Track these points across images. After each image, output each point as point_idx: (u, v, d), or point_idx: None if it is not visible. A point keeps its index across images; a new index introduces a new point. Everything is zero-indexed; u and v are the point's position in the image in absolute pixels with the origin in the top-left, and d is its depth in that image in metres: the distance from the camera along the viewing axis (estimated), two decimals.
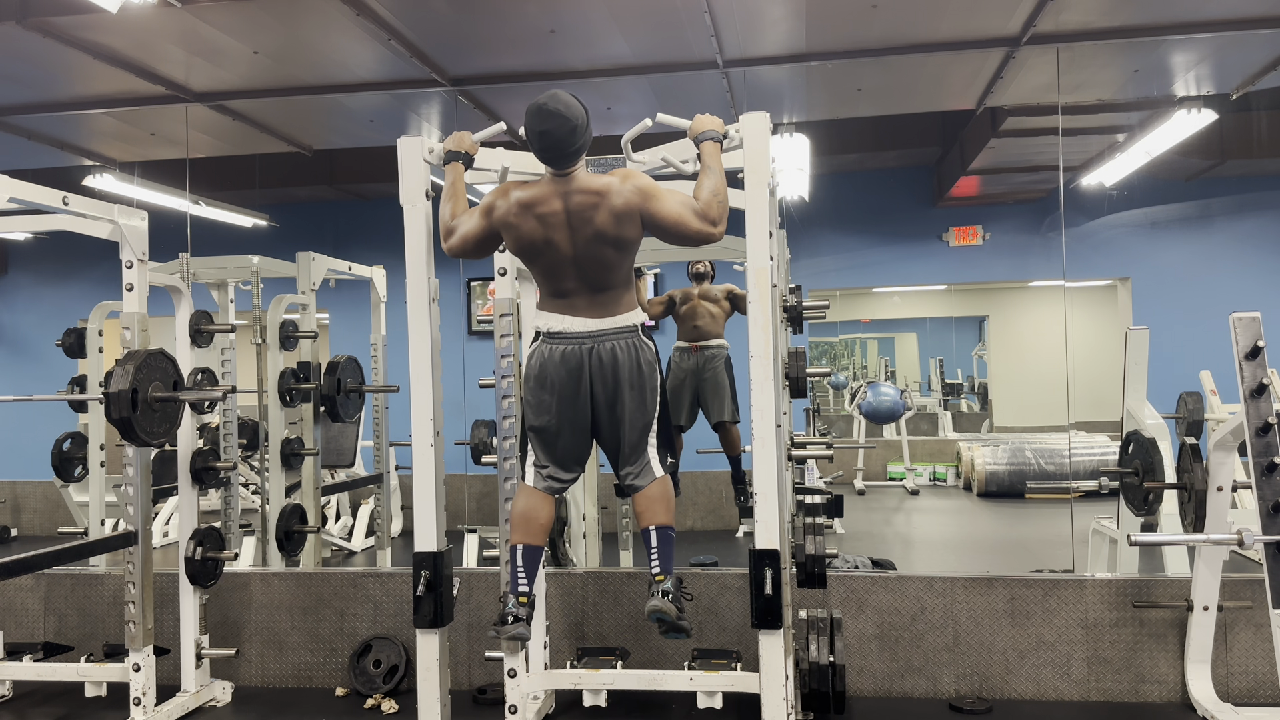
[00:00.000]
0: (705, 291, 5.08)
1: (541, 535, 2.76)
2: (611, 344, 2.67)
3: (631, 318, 2.71)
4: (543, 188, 2.64)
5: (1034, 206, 6.97)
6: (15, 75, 4.38)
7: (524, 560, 2.71)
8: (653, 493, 2.71)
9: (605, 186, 2.61)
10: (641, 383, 2.70)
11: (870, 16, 3.94)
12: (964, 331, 10.60)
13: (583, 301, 2.68)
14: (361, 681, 3.85)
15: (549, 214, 2.62)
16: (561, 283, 2.69)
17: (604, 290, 2.68)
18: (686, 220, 2.58)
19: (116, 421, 3.18)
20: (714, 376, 5.04)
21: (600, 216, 2.59)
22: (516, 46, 4.27)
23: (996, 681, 3.63)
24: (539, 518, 2.76)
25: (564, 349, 2.67)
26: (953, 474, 8.86)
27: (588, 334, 2.66)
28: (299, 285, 4.85)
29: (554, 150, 2.58)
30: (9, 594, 4.19)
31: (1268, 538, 2.76)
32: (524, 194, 2.65)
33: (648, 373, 2.71)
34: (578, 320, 2.67)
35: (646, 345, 2.73)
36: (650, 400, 2.72)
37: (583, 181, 2.63)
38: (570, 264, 2.65)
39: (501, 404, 3.23)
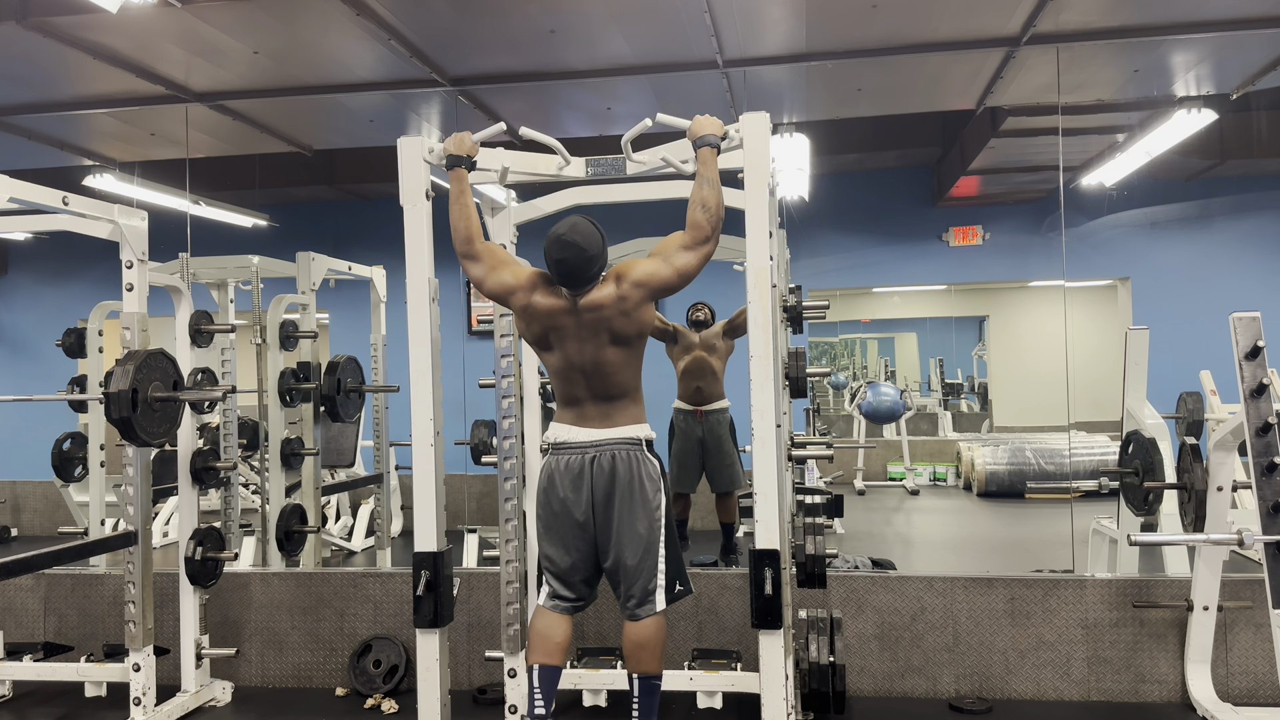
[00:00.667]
0: (706, 341, 5.07)
1: (559, 655, 2.76)
2: (612, 453, 2.69)
3: (636, 430, 2.73)
4: (560, 300, 2.70)
5: (1034, 206, 6.97)
6: (15, 75, 4.38)
7: (540, 682, 2.72)
8: (647, 633, 2.68)
9: (608, 295, 2.66)
10: (641, 495, 2.68)
11: (870, 16, 3.94)
12: (964, 331, 10.60)
13: (593, 410, 2.72)
14: (361, 681, 3.85)
15: (563, 326, 2.69)
16: (573, 389, 2.74)
17: (612, 399, 2.71)
18: (685, 262, 2.62)
19: (116, 421, 3.18)
20: (717, 443, 5.08)
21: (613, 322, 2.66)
22: (516, 46, 4.27)
23: (996, 681, 3.63)
24: (554, 637, 2.76)
25: (568, 459, 2.72)
26: (953, 474, 8.86)
27: (590, 444, 2.70)
28: (299, 285, 4.85)
29: (570, 278, 2.66)
30: (9, 594, 4.19)
31: (1268, 538, 2.76)
32: (546, 301, 2.70)
33: (652, 489, 2.70)
34: (582, 431, 2.72)
35: (650, 461, 2.72)
36: (656, 518, 2.69)
37: (594, 298, 2.68)
38: (579, 370, 2.71)
39: (501, 404, 3.23)
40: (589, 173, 3.06)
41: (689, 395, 5.10)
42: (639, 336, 2.71)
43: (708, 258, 2.65)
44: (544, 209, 3.33)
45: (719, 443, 5.07)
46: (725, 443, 5.08)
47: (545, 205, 3.32)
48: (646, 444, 2.74)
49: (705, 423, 5.08)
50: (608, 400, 2.72)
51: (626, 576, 2.71)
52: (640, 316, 2.68)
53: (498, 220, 3.28)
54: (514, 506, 3.21)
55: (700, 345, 5.07)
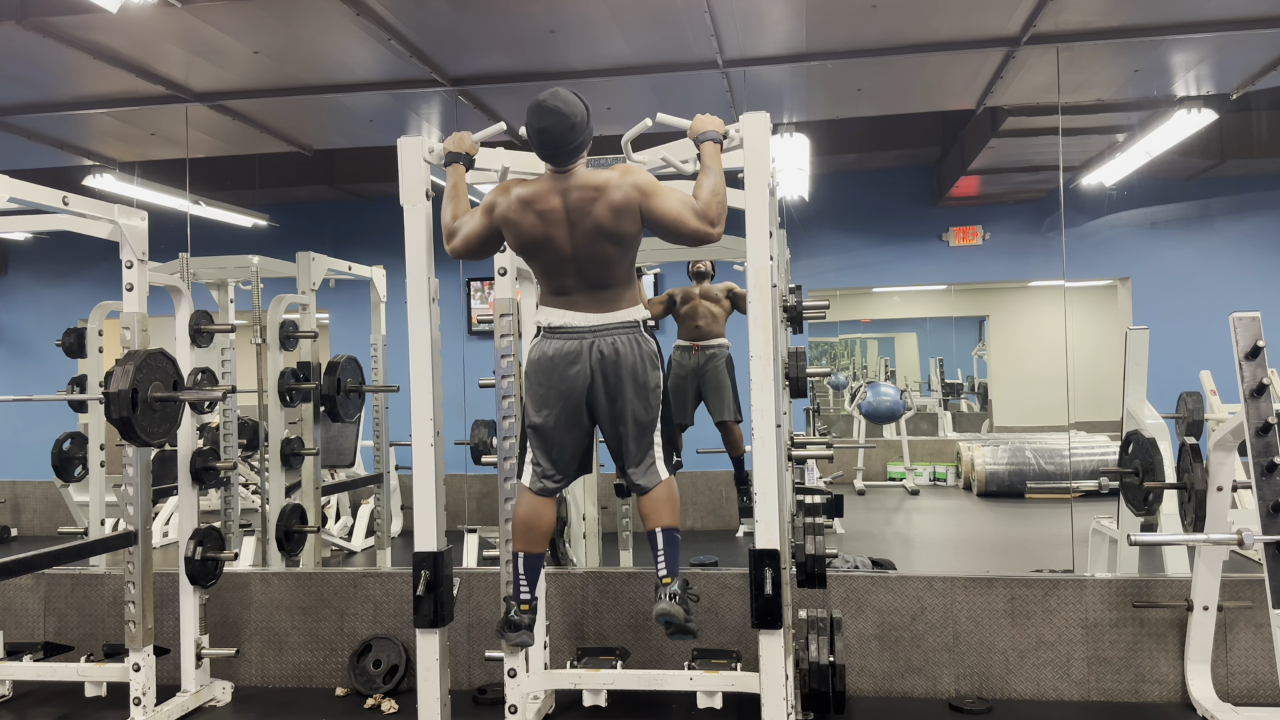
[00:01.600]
0: (706, 290, 5.08)
1: (542, 542, 2.78)
2: (613, 338, 2.65)
3: (634, 313, 2.70)
4: (542, 184, 2.64)
5: (1034, 206, 6.97)
6: (15, 75, 4.38)
7: (525, 568, 2.75)
8: (659, 495, 2.70)
9: (604, 181, 2.60)
10: (644, 378, 2.68)
11: (870, 16, 3.94)
12: (964, 331, 10.60)
13: (583, 298, 2.67)
14: (361, 681, 3.85)
15: (548, 210, 2.61)
16: (562, 280, 2.68)
17: (604, 288, 2.67)
18: (685, 218, 2.57)
19: (116, 421, 3.18)
20: (715, 375, 5.03)
21: (599, 211, 2.59)
22: (516, 46, 4.27)
23: (996, 681, 3.63)
24: (539, 525, 2.77)
25: (565, 343, 2.66)
26: (953, 474, 8.86)
27: (589, 328, 2.65)
28: (299, 285, 4.85)
29: (553, 147, 2.59)
30: (9, 594, 4.19)
31: (1268, 538, 2.76)
32: (524, 191, 2.65)
33: (650, 368, 2.69)
34: (579, 315, 2.66)
35: (649, 341, 2.72)
36: (653, 397, 2.70)
37: (582, 178, 2.63)
38: (570, 261, 2.65)
39: (501, 404, 3.23)
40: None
41: (688, 334, 5.08)
42: (626, 236, 2.63)
43: (704, 241, 2.59)
44: None
45: (716, 373, 5.02)
46: (721, 374, 5.02)
47: None
48: (643, 324, 2.71)
49: (702, 354, 5.04)
50: (602, 288, 2.67)
51: (630, 456, 2.72)
52: (624, 226, 2.60)
53: None
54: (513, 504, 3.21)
55: (700, 294, 5.06)
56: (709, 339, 5.06)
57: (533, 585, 2.75)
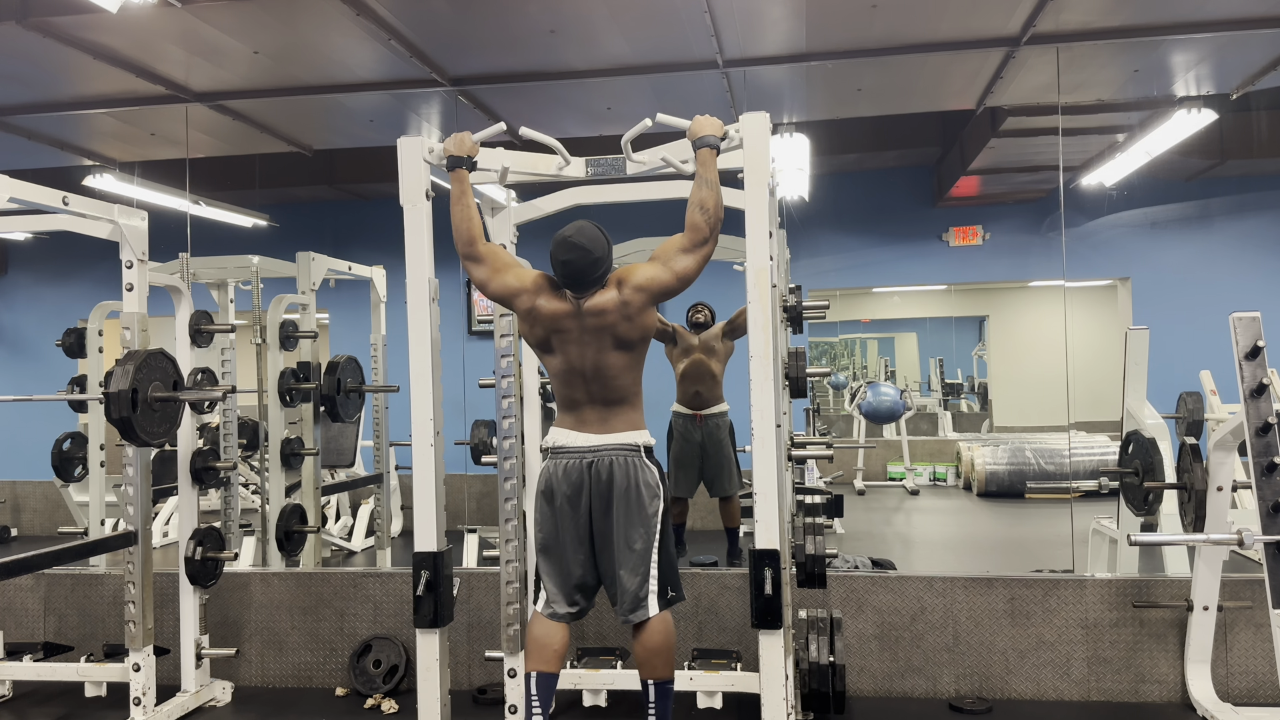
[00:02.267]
0: (705, 343, 5.04)
1: (556, 662, 2.74)
2: (610, 459, 2.68)
3: (635, 437, 2.72)
4: (565, 305, 2.70)
5: (1034, 206, 6.97)
6: (15, 75, 4.38)
7: (538, 688, 2.71)
8: (654, 642, 2.69)
9: (610, 299, 2.67)
10: (640, 504, 2.68)
11: (870, 16, 3.94)
12: (964, 331, 10.60)
13: (592, 415, 2.72)
14: (361, 681, 3.85)
15: (566, 330, 2.70)
16: (573, 392, 2.74)
17: (611, 404, 2.72)
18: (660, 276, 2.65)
19: (116, 421, 3.18)
20: (718, 449, 5.07)
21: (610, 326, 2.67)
22: (516, 46, 4.27)
23: (996, 681, 3.63)
24: (552, 644, 2.74)
25: (567, 463, 2.71)
26: (953, 474, 8.86)
27: (589, 449, 2.70)
28: (299, 285, 4.85)
29: (575, 280, 2.67)
30: (9, 594, 4.19)
31: (1268, 538, 2.76)
32: (550, 305, 2.71)
33: (649, 496, 2.69)
34: (581, 435, 2.71)
35: (649, 468, 2.72)
36: (652, 525, 2.68)
37: (596, 302, 2.69)
38: (579, 375, 2.72)
39: (501, 404, 3.23)
40: (589, 173, 3.06)
41: (688, 399, 5.09)
42: (641, 340, 2.72)
43: (707, 259, 2.66)
44: (544, 209, 3.33)
45: (718, 447, 5.07)
46: (724, 447, 5.07)
47: (545, 205, 3.32)
48: (645, 450, 2.74)
49: (704, 427, 5.07)
50: (608, 405, 2.72)
51: (620, 584, 2.70)
52: (642, 321, 2.69)
53: (498, 220, 3.27)
54: (514, 506, 3.21)
55: (699, 348, 5.05)
56: (710, 406, 5.07)
57: (546, 706, 2.70)
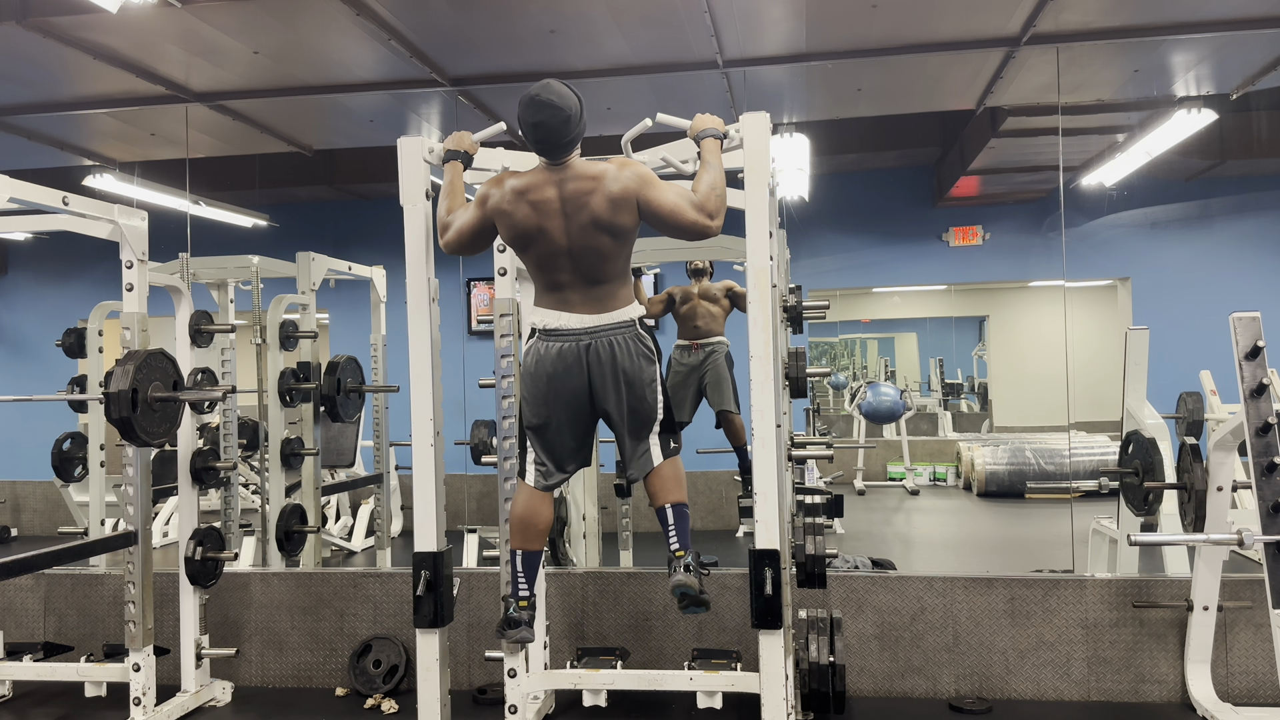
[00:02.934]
0: (704, 290, 5.09)
1: (540, 539, 2.77)
2: (609, 339, 2.62)
3: (629, 312, 2.66)
4: (537, 175, 2.61)
5: (1034, 206, 6.97)
6: (15, 75, 4.38)
7: (523, 565, 2.74)
8: (664, 472, 2.68)
9: (602, 172, 2.57)
10: (641, 377, 2.66)
11: (870, 16, 3.94)
12: (964, 331, 10.59)
13: (578, 296, 2.63)
14: (361, 681, 3.85)
15: (543, 200, 2.57)
16: (556, 275, 2.64)
17: (600, 283, 2.63)
18: (683, 210, 2.53)
19: (116, 421, 3.18)
20: (715, 370, 5.06)
21: (596, 202, 2.55)
22: (516, 46, 4.27)
23: (996, 681, 3.63)
24: (537, 522, 2.75)
25: (561, 345, 2.63)
26: (953, 474, 8.86)
27: (585, 330, 2.62)
28: (299, 285, 4.85)
29: (548, 141, 2.56)
30: (9, 594, 4.19)
31: (1268, 538, 2.76)
32: (518, 181, 2.61)
33: (647, 366, 2.67)
34: (574, 316, 2.63)
35: (644, 337, 2.68)
36: (651, 395, 2.68)
37: (579, 168, 2.59)
38: (565, 254, 2.60)
39: (501, 404, 3.23)
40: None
41: (687, 333, 5.10)
42: (623, 229, 2.59)
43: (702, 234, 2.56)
44: None
45: (717, 369, 5.04)
46: (721, 368, 5.04)
47: None
48: (640, 322, 2.67)
49: (701, 352, 5.06)
50: (597, 284, 2.63)
51: (627, 449, 2.72)
52: (621, 217, 2.56)
53: None
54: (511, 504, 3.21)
55: (699, 294, 5.06)
56: (708, 337, 5.08)
57: (531, 582, 2.75)
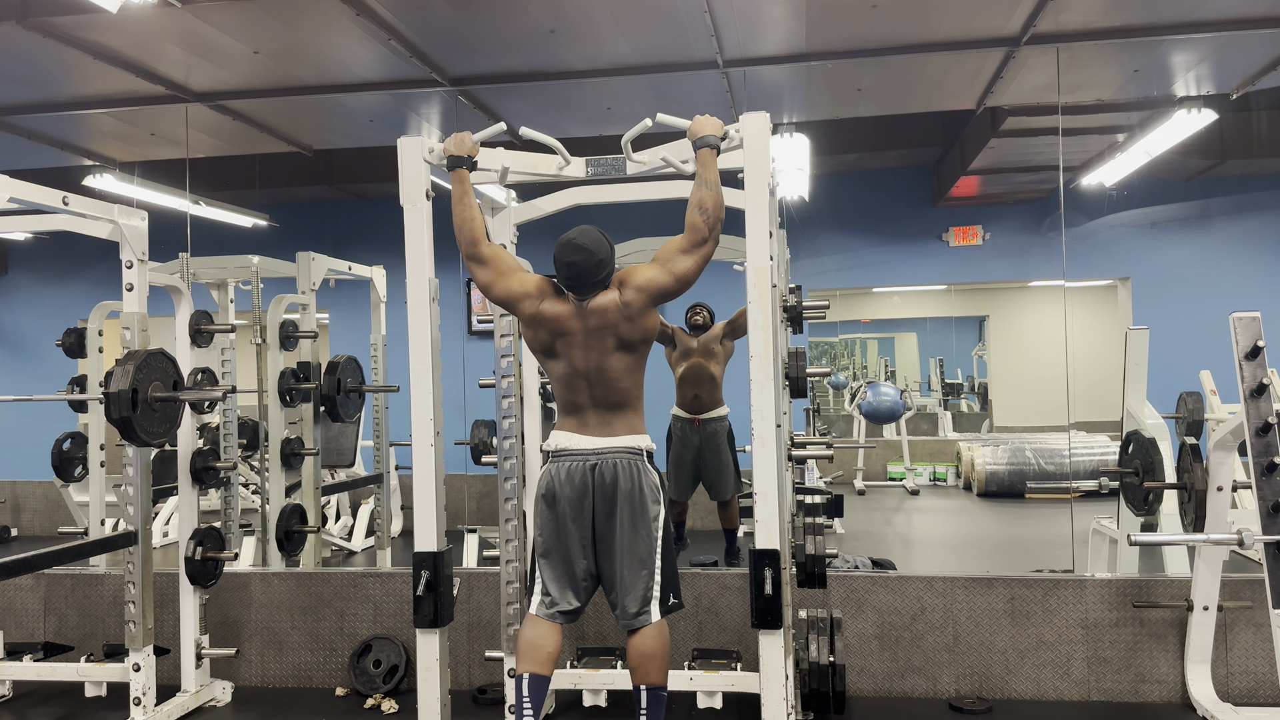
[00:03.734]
0: (704, 345, 5.00)
1: (548, 665, 2.72)
2: (614, 462, 2.69)
3: (637, 441, 2.73)
4: (568, 307, 2.72)
5: (1034, 206, 6.97)
6: (15, 75, 4.38)
7: (530, 691, 2.68)
8: (650, 648, 2.67)
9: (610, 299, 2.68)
10: (642, 507, 2.69)
11: (870, 16, 3.94)
12: (964, 331, 10.60)
13: (594, 418, 2.73)
14: (361, 681, 3.85)
15: (571, 332, 2.71)
16: (576, 396, 2.75)
17: (613, 408, 2.73)
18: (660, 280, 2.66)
19: (116, 421, 3.18)
20: (715, 452, 5.04)
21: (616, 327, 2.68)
22: (516, 46, 4.27)
23: (996, 681, 3.63)
24: (545, 647, 2.72)
25: (569, 466, 2.71)
26: (953, 474, 8.86)
27: (592, 451, 2.70)
28: (299, 285, 4.85)
29: (578, 281, 2.68)
30: (9, 594, 4.19)
31: (1268, 538, 2.76)
32: (553, 308, 2.72)
33: (650, 500, 2.70)
34: (584, 439, 2.72)
35: (650, 472, 2.73)
36: (653, 528, 2.69)
37: (597, 303, 2.70)
38: (583, 378, 2.73)
39: (501, 404, 3.23)
40: (589, 173, 3.06)
41: (687, 403, 5.06)
42: (643, 342, 2.73)
43: (707, 259, 2.66)
44: (544, 209, 3.33)
45: (717, 451, 5.05)
46: (723, 451, 5.05)
47: (545, 205, 3.33)
48: (647, 454, 2.75)
49: (703, 432, 5.05)
50: (610, 409, 2.73)
51: (622, 588, 2.70)
52: (644, 322, 2.70)
53: (498, 220, 3.28)
54: (514, 506, 3.22)
55: (698, 350, 5.01)
56: (709, 410, 5.04)
57: (538, 709, 2.68)
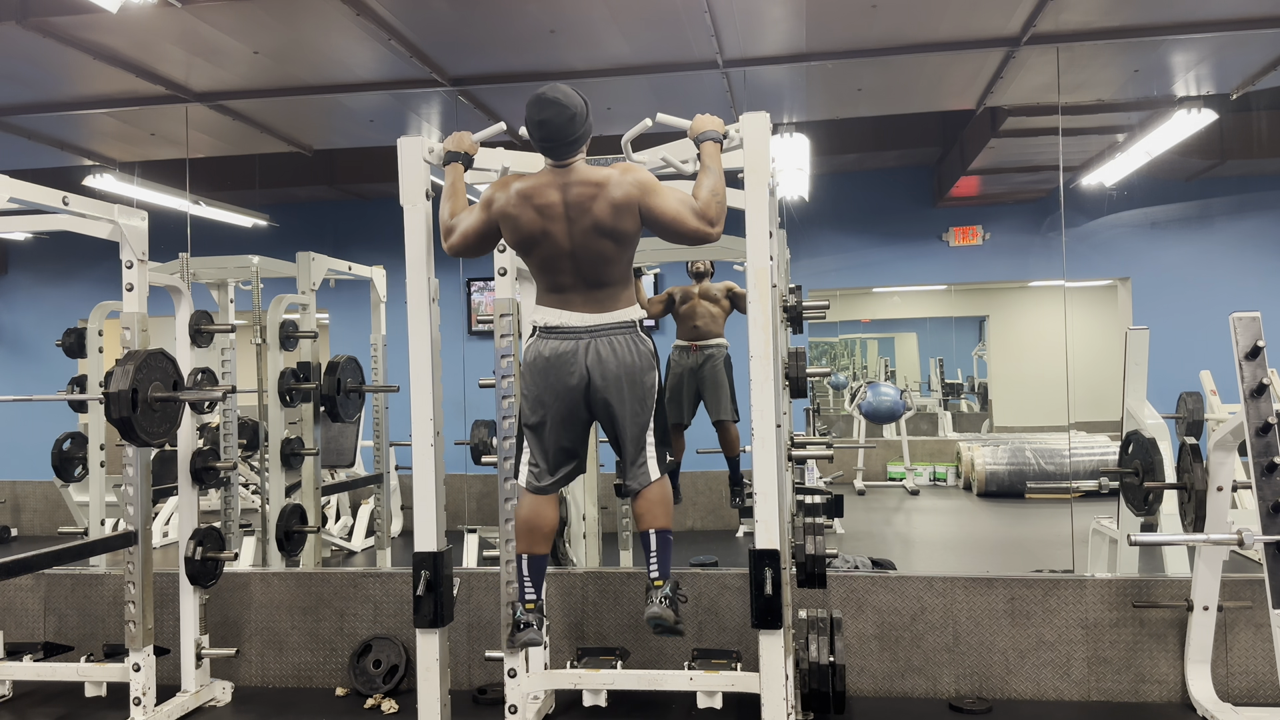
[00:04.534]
0: (705, 290, 5.06)
1: (545, 543, 2.76)
2: (609, 339, 2.63)
3: (630, 313, 2.68)
4: (542, 178, 2.63)
5: (1034, 206, 6.97)
6: (15, 75, 4.38)
7: (529, 569, 2.74)
8: (652, 495, 2.68)
9: (605, 178, 2.59)
10: (641, 379, 2.66)
11: (870, 16, 3.94)
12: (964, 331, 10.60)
13: (579, 297, 2.65)
14: (361, 681, 3.85)
15: (547, 204, 2.60)
16: (558, 277, 2.66)
17: (601, 286, 2.65)
18: (684, 217, 2.56)
19: (116, 421, 3.18)
20: (713, 375, 5.02)
21: (598, 207, 2.57)
22: (516, 46, 4.27)
23: (996, 681, 3.63)
24: (542, 525, 2.76)
25: (561, 344, 2.64)
26: (953, 474, 8.86)
27: (585, 328, 2.63)
28: (299, 285, 4.85)
29: (552, 139, 2.58)
30: (9, 594, 4.19)
31: (1268, 538, 2.75)
32: (523, 185, 2.63)
33: (646, 368, 2.68)
34: (575, 315, 2.64)
35: (645, 341, 2.69)
36: (649, 398, 2.68)
37: (582, 173, 2.61)
38: (567, 257, 2.62)
39: (501, 404, 3.23)
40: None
41: (686, 334, 5.05)
42: (624, 234, 2.61)
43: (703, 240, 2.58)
44: None
45: (715, 373, 4.99)
46: (720, 374, 5.00)
47: None
48: (640, 324, 2.69)
49: (700, 354, 5.02)
50: (599, 287, 2.65)
51: (624, 452, 2.71)
52: (623, 223, 2.59)
53: None
54: (514, 507, 3.21)
55: (700, 294, 4.99)
56: (707, 339, 5.05)
57: (538, 586, 2.75)
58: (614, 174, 2.60)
